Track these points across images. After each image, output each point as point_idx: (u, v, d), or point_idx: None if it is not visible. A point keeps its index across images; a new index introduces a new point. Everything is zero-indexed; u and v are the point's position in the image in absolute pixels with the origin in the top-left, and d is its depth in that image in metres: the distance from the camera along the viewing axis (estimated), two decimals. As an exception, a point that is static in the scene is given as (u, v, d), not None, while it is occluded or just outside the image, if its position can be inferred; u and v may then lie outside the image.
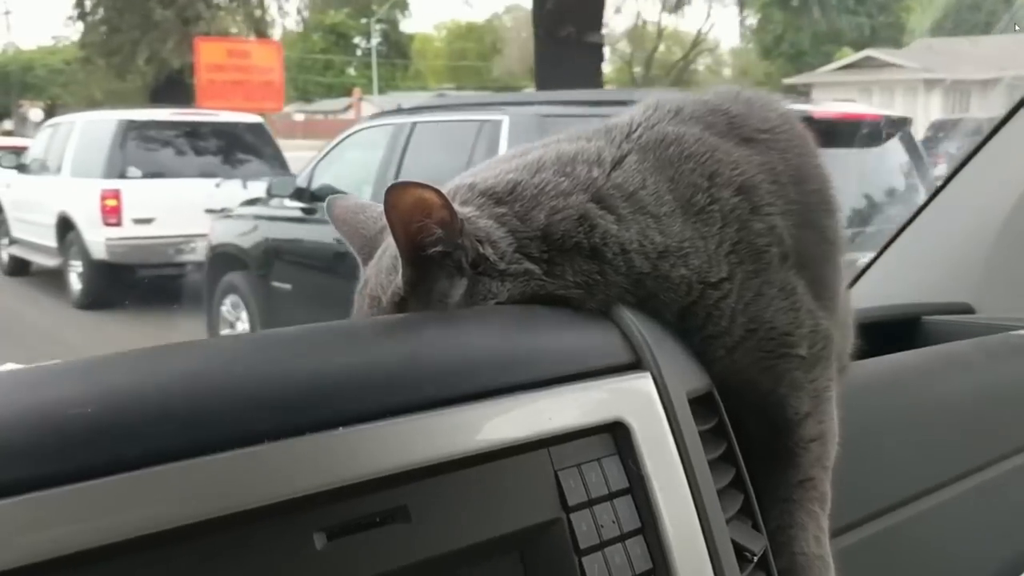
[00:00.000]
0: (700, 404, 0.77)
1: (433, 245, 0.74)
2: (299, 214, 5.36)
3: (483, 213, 0.77)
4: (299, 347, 0.61)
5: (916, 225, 1.76)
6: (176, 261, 8.16)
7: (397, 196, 0.71)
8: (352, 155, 5.62)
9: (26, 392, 0.52)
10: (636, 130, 0.84)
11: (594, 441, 0.66)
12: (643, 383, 0.71)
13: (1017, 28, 3.04)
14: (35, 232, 9.22)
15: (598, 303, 0.76)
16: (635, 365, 0.72)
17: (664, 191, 0.79)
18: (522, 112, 4.27)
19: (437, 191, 0.72)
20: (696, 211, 0.79)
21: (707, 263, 0.78)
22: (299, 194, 5.29)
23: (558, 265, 0.76)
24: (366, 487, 0.55)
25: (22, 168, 9.81)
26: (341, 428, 0.55)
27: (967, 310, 1.64)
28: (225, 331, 5.76)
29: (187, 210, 8.07)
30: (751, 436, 0.83)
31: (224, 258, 5.87)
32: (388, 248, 0.81)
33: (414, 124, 4.79)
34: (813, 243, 0.85)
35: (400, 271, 0.76)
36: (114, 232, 8.01)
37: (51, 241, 8.80)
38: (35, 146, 10.03)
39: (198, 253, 8.05)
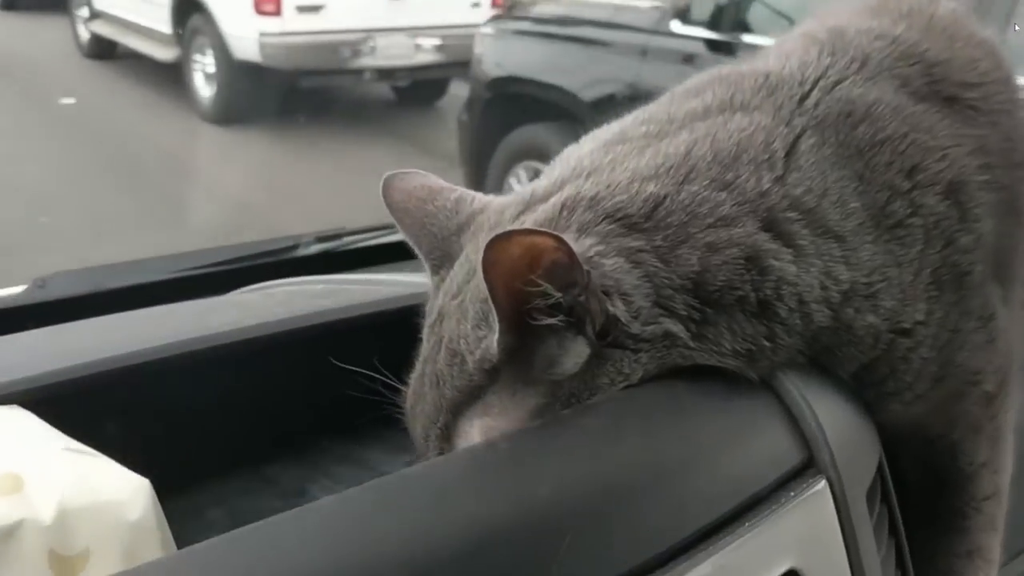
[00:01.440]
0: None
1: (547, 313, 0.56)
2: (698, 48, 3.23)
3: (609, 247, 0.58)
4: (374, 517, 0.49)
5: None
6: (352, 67, 5.97)
7: (499, 250, 0.54)
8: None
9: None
10: (811, 93, 0.64)
11: (760, 596, 0.56)
12: (819, 496, 0.58)
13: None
14: (133, 8, 6.86)
15: (759, 371, 0.60)
16: (807, 465, 0.59)
17: (850, 195, 0.61)
18: None
19: (555, 236, 0.54)
20: (891, 225, 0.61)
21: (901, 302, 0.61)
22: (715, 19, 3.13)
23: (711, 326, 0.58)
24: None
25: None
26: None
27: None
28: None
29: (365, -3, 5.84)
30: (907, 487, 0.70)
31: (522, 101, 3.77)
32: (476, 287, 0.60)
33: None
34: (1008, 235, 0.68)
35: (495, 331, 0.58)
36: (270, 24, 5.71)
37: (162, 25, 6.50)
38: None
39: (378, 56, 5.90)
